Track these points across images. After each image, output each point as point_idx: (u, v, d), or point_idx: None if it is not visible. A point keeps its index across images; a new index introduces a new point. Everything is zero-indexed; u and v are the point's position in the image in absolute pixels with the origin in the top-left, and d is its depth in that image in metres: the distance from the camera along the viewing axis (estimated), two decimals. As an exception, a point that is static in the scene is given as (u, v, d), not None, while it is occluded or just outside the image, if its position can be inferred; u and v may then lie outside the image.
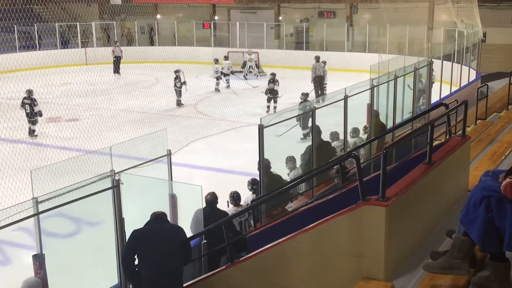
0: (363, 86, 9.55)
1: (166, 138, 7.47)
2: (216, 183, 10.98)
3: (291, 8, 31.47)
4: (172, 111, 18.46)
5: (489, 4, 25.37)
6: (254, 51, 26.39)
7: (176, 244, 5.29)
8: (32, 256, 5.41)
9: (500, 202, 3.90)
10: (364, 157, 9.19)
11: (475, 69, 21.10)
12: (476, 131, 9.33)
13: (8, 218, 4.52)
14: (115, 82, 24.94)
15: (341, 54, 26.89)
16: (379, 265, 4.40)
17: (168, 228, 5.46)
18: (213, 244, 6.15)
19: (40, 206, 5.02)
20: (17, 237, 7.51)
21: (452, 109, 6.36)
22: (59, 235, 7.92)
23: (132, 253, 5.22)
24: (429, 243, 4.87)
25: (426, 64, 11.88)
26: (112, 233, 5.42)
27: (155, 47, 31.41)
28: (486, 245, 4.00)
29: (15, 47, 27.45)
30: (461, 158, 5.91)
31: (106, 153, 6.39)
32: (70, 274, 6.23)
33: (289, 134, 7.96)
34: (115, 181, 5.30)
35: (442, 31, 23.17)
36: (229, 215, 6.57)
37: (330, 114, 8.60)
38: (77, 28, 29.47)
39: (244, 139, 14.17)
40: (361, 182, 4.51)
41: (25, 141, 14.83)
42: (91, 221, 8.49)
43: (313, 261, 4.81)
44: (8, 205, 5.00)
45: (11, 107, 15.61)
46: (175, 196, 7.02)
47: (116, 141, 9.33)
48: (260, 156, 7.22)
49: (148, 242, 5.20)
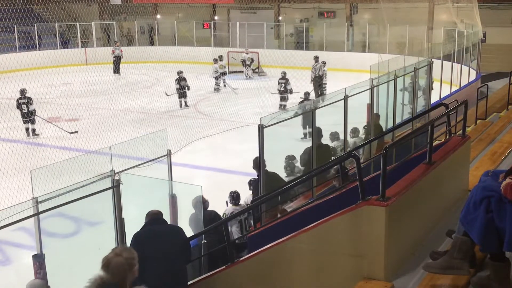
0: (363, 86, 9.55)
1: (166, 138, 7.47)
2: (216, 183, 11.00)
3: (291, 8, 31.48)
4: (172, 111, 18.46)
5: (489, 4, 25.38)
6: (251, 51, 26.41)
7: (178, 244, 5.29)
8: (32, 256, 5.41)
9: (500, 202, 3.90)
10: (364, 157, 9.18)
11: (475, 69, 21.10)
12: (476, 131, 9.33)
13: (8, 218, 4.52)
14: (115, 82, 24.94)
15: (341, 54, 26.90)
16: (379, 265, 4.39)
17: (169, 229, 5.47)
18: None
19: (40, 206, 5.02)
20: (17, 237, 7.51)
21: (452, 109, 6.35)
22: (59, 235, 7.92)
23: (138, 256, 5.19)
24: (429, 243, 4.86)
25: (426, 64, 11.87)
26: (112, 233, 5.42)
27: (155, 47, 31.42)
28: (486, 245, 4.00)
29: (15, 47, 27.46)
30: (461, 158, 5.91)
31: (106, 153, 6.39)
32: (70, 274, 6.23)
33: (289, 134, 7.96)
34: (115, 181, 5.30)
35: (442, 31, 23.16)
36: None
37: (330, 114, 8.60)
38: (77, 28, 29.48)
39: (244, 139, 14.16)
40: (361, 182, 4.51)
41: (25, 141, 14.84)
42: (91, 221, 8.49)
43: (313, 261, 4.81)
44: (8, 205, 5.00)
45: (11, 107, 15.62)
46: (175, 196, 7.02)
47: (116, 141, 9.33)
48: (260, 156, 7.21)
49: (152, 245, 5.19)
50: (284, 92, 18.47)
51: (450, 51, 19.22)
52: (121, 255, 3.48)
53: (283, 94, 18.45)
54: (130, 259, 3.49)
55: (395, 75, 10.38)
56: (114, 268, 3.43)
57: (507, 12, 26.26)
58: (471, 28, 21.16)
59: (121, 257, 3.46)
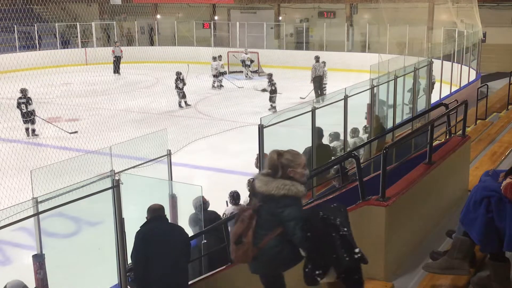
0: (363, 86, 9.55)
1: (166, 138, 7.48)
2: (216, 183, 10.99)
3: (291, 8, 31.48)
4: (172, 111, 18.47)
5: (489, 4, 25.38)
6: (251, 51, 26.42)
7: (180, 242, 5.30)
8: (32, 256, 5.41)
9: (500, 202, 3.90)
10: (364, 157, 9.18)
11: (475, 69, 21.09)
12: (476, 131, 9.33)
13: (8, 218, 4.52)
14: (115, 82, 24.94)
15: (341, 54, 26.89)
16: (379, 265, 4.39)
17: (171, 228, 5.48)
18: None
19: (40, 206, 5.02)
20: (17, 237, 7.52)
21: (452, 109, 6.36)
22: (59, 235, 7.93)
23: (142, 254, 5.19)
24: (429, 243, 4.87)
25: (426, 64, 11.87)
26: (112, 233, 5.41)
27: (155, 47, 31.43)
28: (486, 245, 4.00)
29: (15, 47, 27.45)
30: (461, 158, 5.91)
31: (106, 153, 6.40)
32: (70, 274, 6.23)
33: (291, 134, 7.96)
34: (115, 181, 5.29)
35: (442, 31, 23.16)
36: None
37: (330, 114, 8.60)
38: (77, 28, 29.48)
39: (244, 139, 14.16)
40: (361, 182, 4.51)
41: (25, 141, 14.83)
42: (91, 221, 8.50)
43: (313, 261, 4.80)
44: (8, 205, 5.00)
45: (11, 107, 15.62)
46: (175, 196, 7.03)
47: (116, 141, 9.34)
48: (260, 156, 7.21)
49: (155, 243, 5.19)
50: (273, 92, 18.37)
51: (450, 51, 19.22)
52: (282, 155, 3.62)
53: (272, 94, 18.38)
54: (289, 161, 3.61)
55: (395, 75, 10.38)
56: (267, 160, 3.62)
57: (507, 12, 26.26)
58: (471, 28, 21.16)
59: (281, 156, 3.62)
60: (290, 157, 3.62)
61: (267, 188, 3.52)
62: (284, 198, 3.49)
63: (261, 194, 3.55)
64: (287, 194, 3.50)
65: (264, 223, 3.54)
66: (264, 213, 3.55)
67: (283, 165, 3.57)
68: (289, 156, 3.63)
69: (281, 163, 3.57)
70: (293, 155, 3.65)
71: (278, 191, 3.49)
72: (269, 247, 3.54)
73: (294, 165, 3.59)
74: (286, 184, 3.52)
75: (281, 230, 3.50)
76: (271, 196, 3.51)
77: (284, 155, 3.62)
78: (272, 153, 3.65)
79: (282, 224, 3.49)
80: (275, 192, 3.49)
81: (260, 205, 3.57)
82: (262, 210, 3.55)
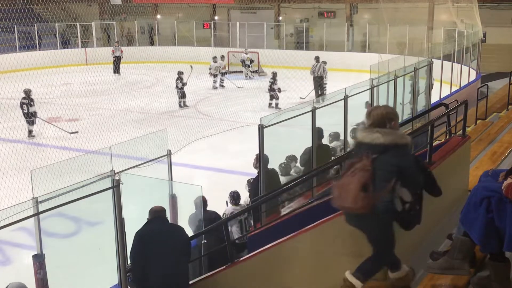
0: (363, 86, 9.55)
1: (166, 138, 7.48)
2: (216, 183, 11.00)
3: (291, 8, 31.49)
4: (172, 111, 18.46)
5: (489, 4, 25.38)
6: (251, 51, 26.42)
7: (181, 243, 5.31)
8: (32, 256, 5.41)
9: (501, 202, 3.90)
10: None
11: (475, 69, 21.09)
12: (476, 131, 9.32)
13: (8, 218, 4.52)
14: (115, 82, 24.94)
15: (341, 54, 26.90)
16: (379, 265, 4.38)
17: (171, 228, 5.49)
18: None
19: (40, 206, 5.02)
20: (17, 237, 7.51)
21: (452, 109, 6.36)
22: (59, 235, 7.93)
23: (141, 255, 5.20)
24: (429, 243, 4.86)
25: (426, 64, 11.87)
26: (112, 233, 5.41)
27: (155, 47, 31.43)
28: (486, 246, 4.00)
29: (15, 47, 27.45)
30: (461, 158, 5.91)
31: (106, 153, 6.40)
32: (70, 274, 6.23)
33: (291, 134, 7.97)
34: (115, 181, 5.29)
35: (442, 31, 23.16)
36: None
37: (330, 114, 8.60)
38: (77, 28, 29.48)
39: (244, 139, 14.16)
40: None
41: (25, 141, 14.83)
42: (91, 221, 8.50)
43: (313, 261, 4.80)
44: (8, 205, 5.00)
45: (11, 107, 15.62)
46: (175, 196, 7.03)
47: (116, 141, 9.34)
48: (260, 156, 7.22)
49: (154, 243, 5.19)
50: (271, 90, 18.73)
51: (450, 51, 19.21)
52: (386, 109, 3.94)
53: (270, 92, 18.76)
54: (393, 114, 3.88)
55: (395, 75, 10.39)
56: (374, 116, 3.83)
57: (507, 12, 26.26)
58: (471, 28, 21.16)
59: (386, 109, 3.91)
60: (391, 111, 3.92)
61: (390, 138, 3.69)
62: (405, 147, 3.75)
63: (378, 145, 3.70)
64: (408, 143, 3.78)
65: (382, 174, 3.67)
66: (381, 163, 3.68)
67: (389, 118, 3.80)
68: (391, 110, 3.97)
69: (388, 116, 3.80)
70: (392, 109, 4.04)
71: (401, 140, 3.74)
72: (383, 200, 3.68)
73: (396, 118, 3.85)
74: (404, 135, 3.84)
75: (395, 180, 3.65)
76: (394, 145, 3.69)
77: (387, 109, 3.94)
78: (376, 109, 3.94)
79: (402, 171, 3.67)
80: (399, 141, 3.71)
81: (376, 156, 3.70)
82: (378, 160, 3.68)
